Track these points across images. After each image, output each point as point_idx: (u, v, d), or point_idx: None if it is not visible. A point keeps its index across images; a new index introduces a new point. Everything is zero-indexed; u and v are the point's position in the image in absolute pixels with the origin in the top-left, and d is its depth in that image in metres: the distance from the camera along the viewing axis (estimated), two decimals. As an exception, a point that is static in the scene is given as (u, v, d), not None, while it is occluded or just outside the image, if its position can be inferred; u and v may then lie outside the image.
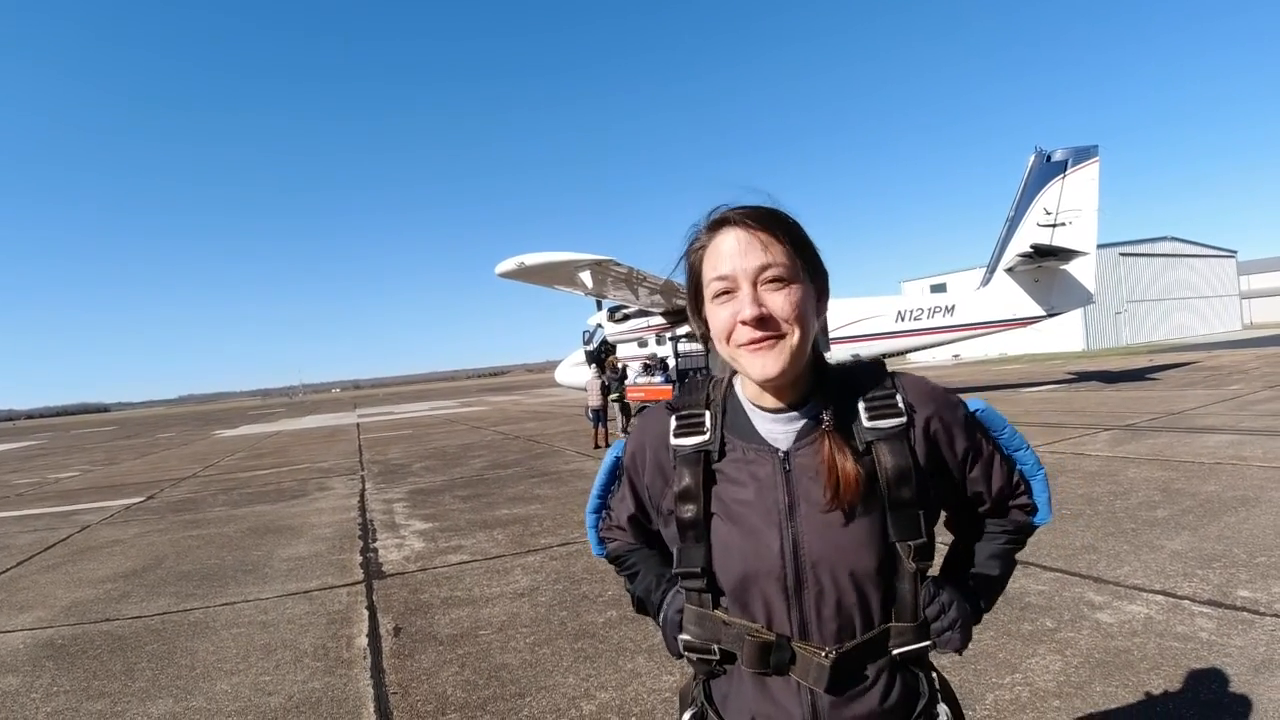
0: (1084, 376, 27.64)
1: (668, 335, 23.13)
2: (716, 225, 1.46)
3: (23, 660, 6.25)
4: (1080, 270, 22.53)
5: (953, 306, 24.12)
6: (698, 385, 1.65)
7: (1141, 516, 7.70)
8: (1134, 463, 10.61)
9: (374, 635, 6.14)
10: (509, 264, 16.12)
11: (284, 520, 11.92)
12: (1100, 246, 23.42)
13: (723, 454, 1.52)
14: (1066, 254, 21.88)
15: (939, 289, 47.38)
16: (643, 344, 25.66)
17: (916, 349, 26.58)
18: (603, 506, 1.90)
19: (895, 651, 1.45)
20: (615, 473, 1.84)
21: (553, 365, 35.28)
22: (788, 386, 1.48)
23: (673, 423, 1.60)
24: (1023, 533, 1.68)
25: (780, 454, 1.48)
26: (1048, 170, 22.95)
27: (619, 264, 16.19)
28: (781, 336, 1.40)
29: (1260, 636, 4.69)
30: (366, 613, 6.75)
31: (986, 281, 24.21)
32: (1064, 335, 46.94)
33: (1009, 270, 23.05)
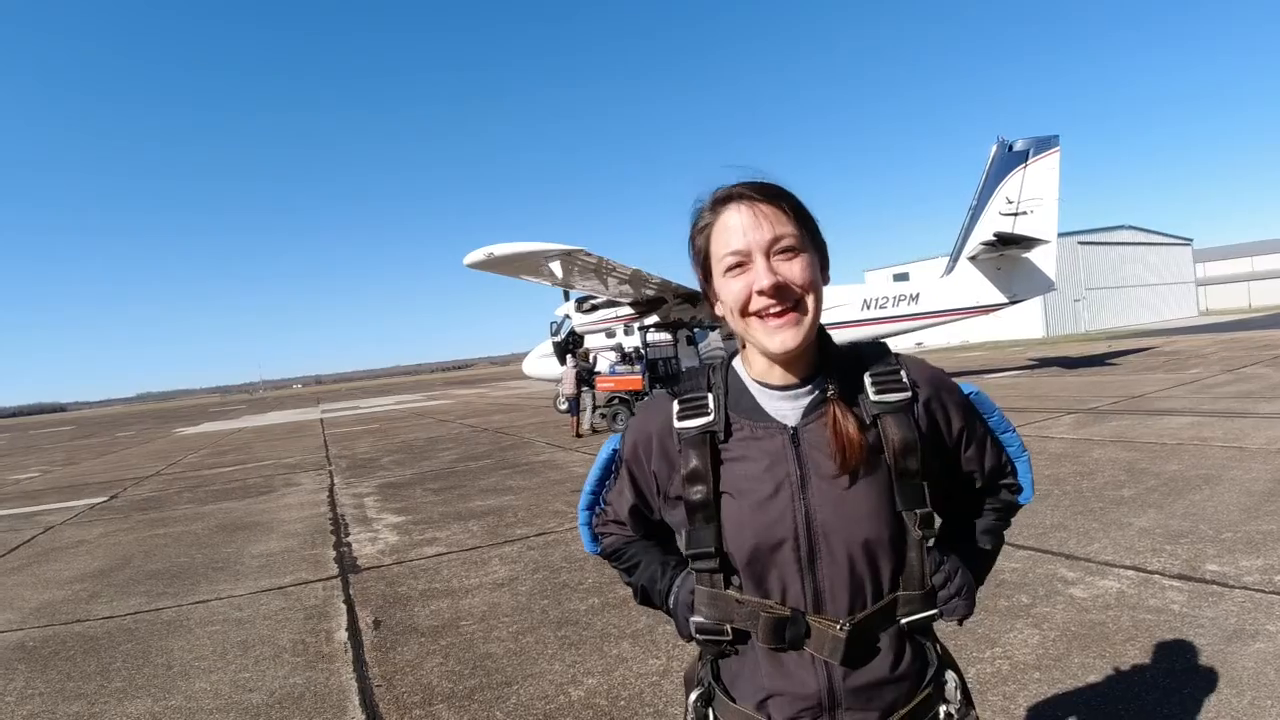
0: (1045, 362, 28.12)
1: (636, 325, 23.10)
2: (721, 202, 1.48)
3: (-7, 663, 6.11)
4: (1041, 258, 22.87)
5: (917, 295, 24.37)
6: (698, 371, 1.66)
7: (1108, 495, 7.87)
8: (1098, 444, 10.82)
9: (354, 629, 6.09)
10: (477, 255, 15.98)
11: (253, 517, 11.76)
12: (1060, 235, 23.79)
13: (729, 434, 1.53)
14: (1029, 242, 22.19)
15: (901, 278, 47.84)
16: (611, 334, 25.63)
17: (882, 337, 26.78)
18: (596, 503, 1.88)
19: (904, 621, 1.49)
20: (610, 467, 1.83)
21: (518, 358, 35.15)
22: (797, 361, 1.51)
23: (675, 407, 1.60)
24: (1010, 511, 1.75)
25: (789, 429, 1.50)
26: (1010, 160, 23.24)
27: (589, 254, 16.12)
28: (797, 304, 1.43)
29: (1231, 608, 4.82)
30: (344, 607, 6.69)
31: (950, 269, 24.48)
32: (1024, 322, 47.70)
33: (972, 258, 23.32)
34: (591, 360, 20.66)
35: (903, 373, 1.54)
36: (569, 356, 20.26)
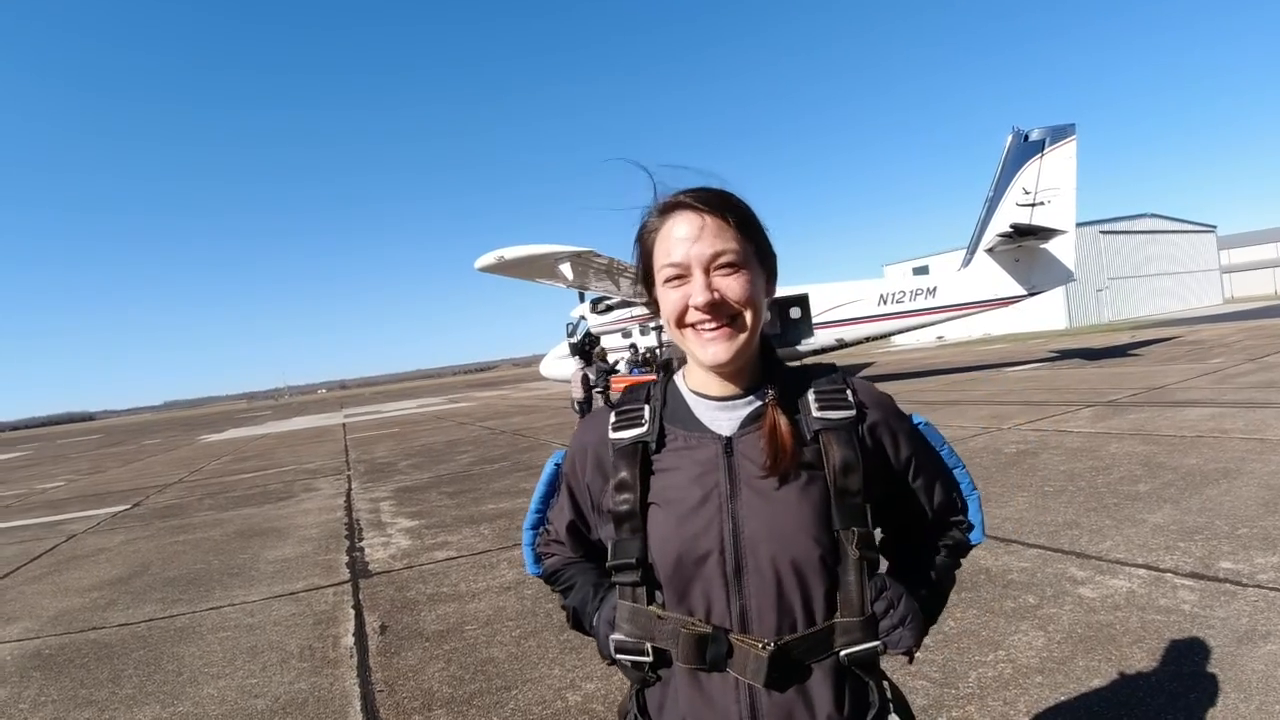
0: (1066, 354, 27.76)
1: (651, 325, 23.08)
2: (668, 209, 1.45)
3: (10, 672, 6.18)
4: (1060, 248, 22.63)
5: (935, 288, 24.20)
6: (641, 386, 1.64)
7: (1123, 491, 7.75)
8: (1115, 438, 10.67)
9: (360, 634, 6.11)
10: (489, 258, 16.05)
11: (270, 522, 11.85)
12: (1080, 225, 23.53)
13: (661, 444, 1.50)
14: (1046, 233, 21.96)
15: (921, 271, 47.51)
16: (627, 334, 25.62)
17: (899, 331, 26.66)
18: (541, 522, 1.84)
19: (843, 653, 1.40)
20: (555, 484, 1.79)
21: (539, 359, 35.24)
22: (736, 374, 1.48)
23: (611, 418, 1.58)
24: (960, 550, 1.66)
25: (722, 439, 1.46)
26: (1025, 150, 23.01)
27: (599, 255, 16.14)
28: (733, 320, 1.40)
29: (1243, 608, 4.72)
30: (353, 612, 6.72)
31: (967, 262, 24.28)
32: (1046, 314, 47.23)
33: (989, 251, 23.12)
34: (612, 361, 20.63)
35: (849, 392, 1.50)
36: (579, 358, 20.24)
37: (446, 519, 10.44)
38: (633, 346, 23.05)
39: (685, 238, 1.39)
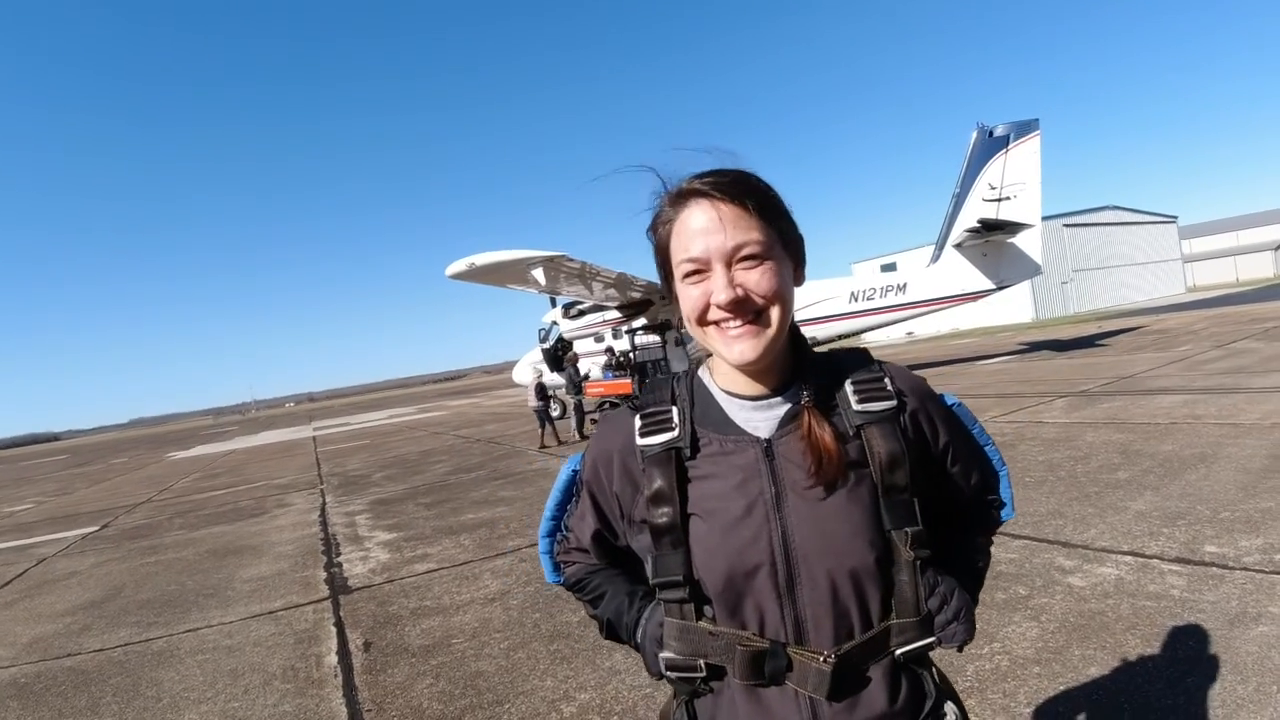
0: (1035, 346, 28.09)
1: (624, 329, 23.02)
2: (683, 197, 1.34)
3: (-18, 704, 5.99)
4: (1027, 243, 22.87)
5: (904, 285, 24.36)
6: (661, 383, 1.53)
7: (1103, 479, 7.80)
8: (1091, 427, 10.76)
9: (344, 652, 5.98)
10: (459, 265, 15.89)
11: (244, 540, 11.62)
12: (1045, 219, 23.79)
13: (696, 449, 1.41)
14: (1013, 227, 22.18)
15: (889, 268, 47.83)
16: (599, 339, 25.52)
17: (872, 328, 26.81)
18: (558, 529, 1.75)
19: (898, 651, 1.35)
20: (572, 490, 1.72)
21: (510, 365, 35.01)
22: (767, 371, 1.39)
23: (638, 422, 1.48)
24: (995, 527, 1.64)
25: (762, 442, 1.38)
26: (990, 146, 23.24)
27: (571, 259, 16.05)
28: (758, 317, 1.31)
29: (1232, 590, 4.74)
30: (334, 629, 6.57)
31: (936, 258, 24.47)
32: (1013, 307, 47.74)
33: (958, 246, 23.31)
34: (584, 370, 20.40)
35: (887, 380, 1.42)
36: (532, 367, 20.00)
37: (425, 530, 10.29)
38: (609, 350, 22.95)
39: (702, 230, 1.29)
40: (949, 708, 1.42)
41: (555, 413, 26.00)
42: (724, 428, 1.41)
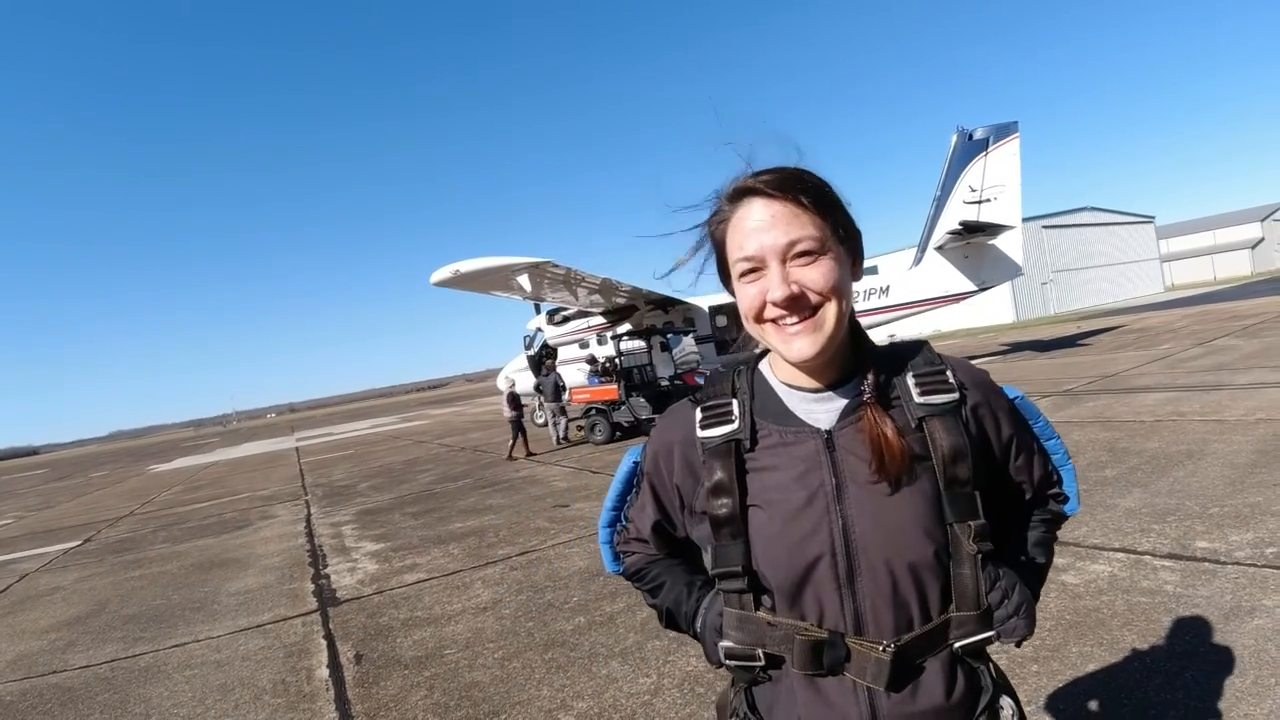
0: (1018, 347, 28.31)
1: (609, 335, 22.99)
2: (738, 195, 1.35)
3: (-34, 724, 5.88)
4: (1008, 244, 23.02)
5: (887, 287, 24.46)
6: (722, 375, 1.54)
7: (1091, 477, 7.83)
8: (1077, 426, 10.83)
9: (335, 665, 5.90)
10: (444, 272, 15.82)
11: (229, 553, 11.48)
12: (1024, 220, 23.96)
13: (755, 441, 1.42)
14: (994, 229, 22.32)
15: (870, 271, 47.98)
16: (584, 345, 25.47)
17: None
18: (618, 519, 1.77)
19: (957, 645, 1.35)
20: (632, 481, 1.73)
21: (494, 373, 34.90)
22: (827, 365, 1.39)
23: (698, 415, 1.49)
24: (1058, 522, 1.62)
25: (823, 434, 1.38)
26: (970, 148, 23.38)
27: (557, 265, 16.02)
28: (815, 313, 1.31)
29: (1225, 585, 4.76)
30: (325, 642, 6.49)
31: (919, 261, 24.58)
32: (994, 308, 48.11)
33: (939, 248, 23.44)
34: (554, 377, 20.17)
35: (949, 373, 1.42)
36: (507, 378, 19.82)
37: (413, 540, 10.20)
38: (591, 359, 22.90)
39: (757, 228, 1.31)
40: (1005, 702, 1.42)
41: (539, 420, 25.87)
42: (784, 420, 1.42)
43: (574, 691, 4.71)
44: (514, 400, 18.39)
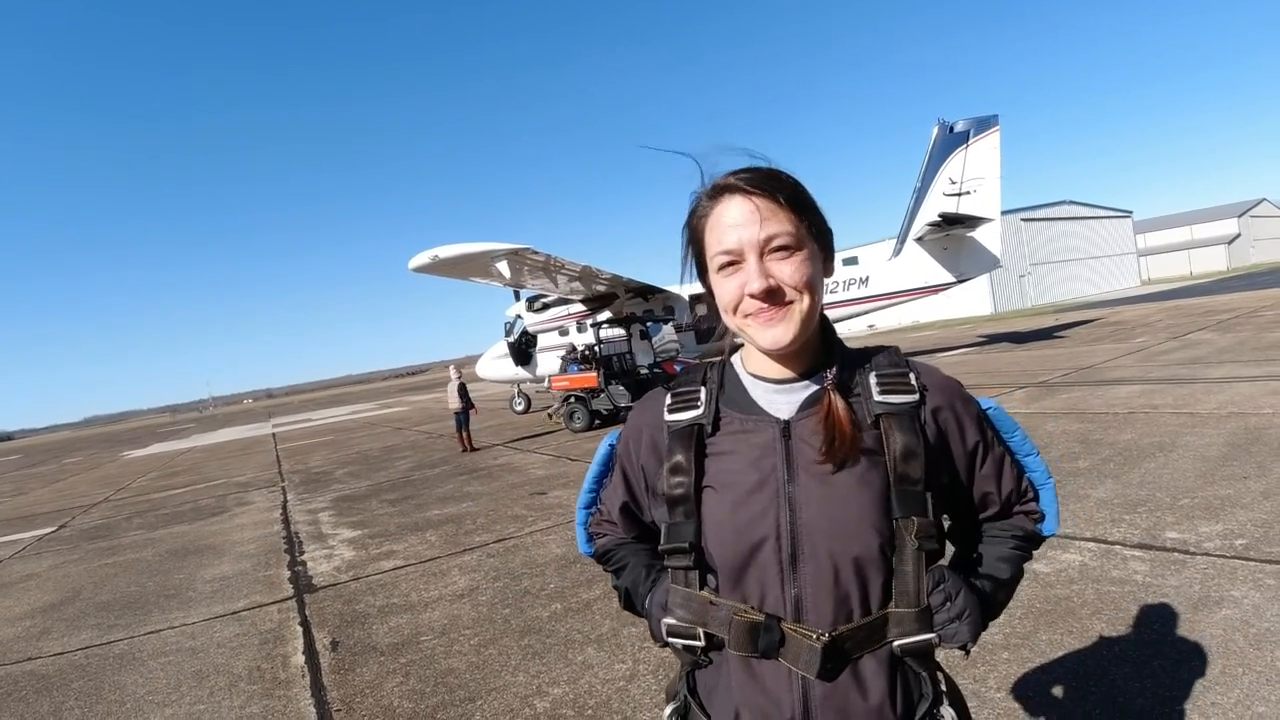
0: (995, 338, 28.51)
1: (588, 322, 22.93)
2: (718, 192, 1.40)
3: (-62, 711, 5.81)
4: (987, 236, 23.16)
5: (867, 278, 24.56)
6: (696, 366, 1.60)
7: (1064, 468, 7.91)
8: (1051, 417, 10.94)
9: (310, 652, 5.88)
10: (422, 258, 15.72)
11: (204, 539, 11.41)
12: (1003, 213, 24.11)
13: (717, 427, 1.47)
14: (973, 221, 22.46)
15: (850, 262, 48.21)
16: (563, 332, 25.41)
17: (835, 321, 26.97)
18: (594, 501, 1.82)
19: (896, 644, 1.36)
20: (609, 464, 1.77)
21: (472, 360, 34.73)
22: (795, 356, 1.43)
23: (667, 400, 1.55)
24: (1031, 541, 1.58)
25: (781, 423, 1.41)
26: (951, 141, 23.48)
27: (536, 252, 15.95)
28: (789, 305, 1.35)
29: (1194, 575, 4.84)
30: (300, 629, 6.47)
31: (898, 252, 24.69)
32: (972, 300, 48.39)
33: (919, 240, 23.55)
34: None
35: (911, 375, 1.45)
36: (454, 369, 19.74)
37: (390, 527, 10.17)
38: (571, 347, 22.85)
39: (736, 223, 1.35)
40: (946, 712, 1.42)
41: (519, 407, 25.71)
42: (747, 408, 1.47)
43: (550, 678, 4.72)
44: (462, 391, 18.34)
